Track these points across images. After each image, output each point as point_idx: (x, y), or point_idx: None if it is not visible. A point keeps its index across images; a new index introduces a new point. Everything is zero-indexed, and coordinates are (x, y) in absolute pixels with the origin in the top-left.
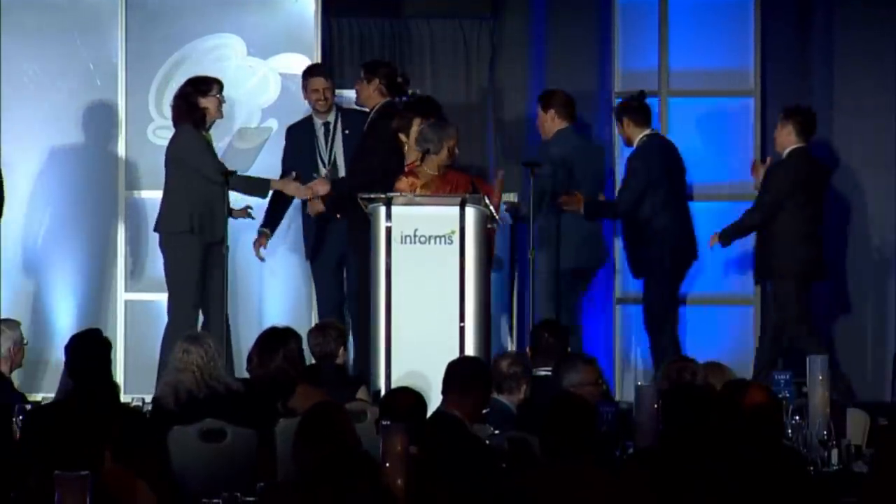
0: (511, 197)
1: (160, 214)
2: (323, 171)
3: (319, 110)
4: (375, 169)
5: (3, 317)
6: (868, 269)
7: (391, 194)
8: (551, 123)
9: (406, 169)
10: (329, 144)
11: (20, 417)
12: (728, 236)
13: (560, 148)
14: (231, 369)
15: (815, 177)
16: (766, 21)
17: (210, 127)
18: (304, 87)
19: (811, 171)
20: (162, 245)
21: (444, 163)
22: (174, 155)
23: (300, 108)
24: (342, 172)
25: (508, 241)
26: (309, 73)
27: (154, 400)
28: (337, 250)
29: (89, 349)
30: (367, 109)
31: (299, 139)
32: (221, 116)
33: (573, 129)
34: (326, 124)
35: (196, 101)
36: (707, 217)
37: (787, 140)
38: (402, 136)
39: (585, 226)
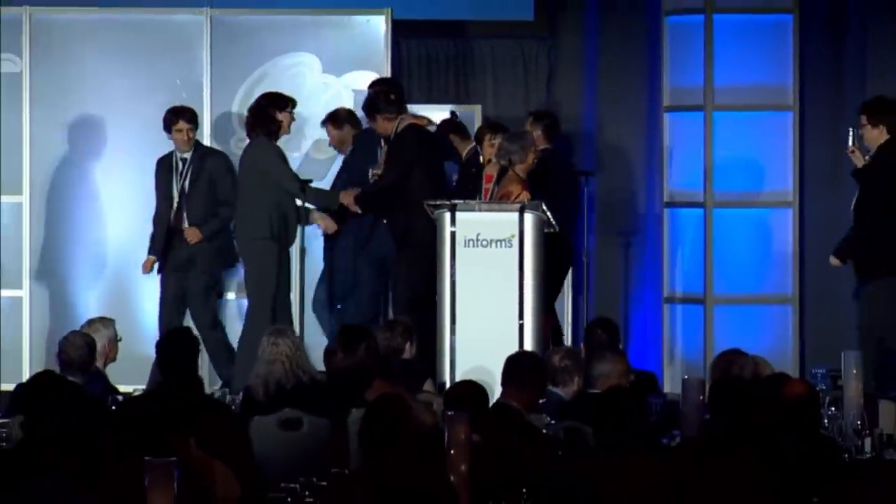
0: None
1: (238, 222)
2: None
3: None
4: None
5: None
6: None
7: (455, 201)
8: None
9: (486, 176)
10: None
11: (113, 408)
12: None
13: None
14: None
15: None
16: (804, 41)
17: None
18: None
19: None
20: (242, 252)
21: (531, 168)
22: (257, 166)
23: None
24: None
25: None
26: None
27: (245, 390)
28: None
29: (179, 346)
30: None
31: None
32: (289, 132)
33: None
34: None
35: (273, 114)
36: (747, 222)
37: (539, 141)
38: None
39: None
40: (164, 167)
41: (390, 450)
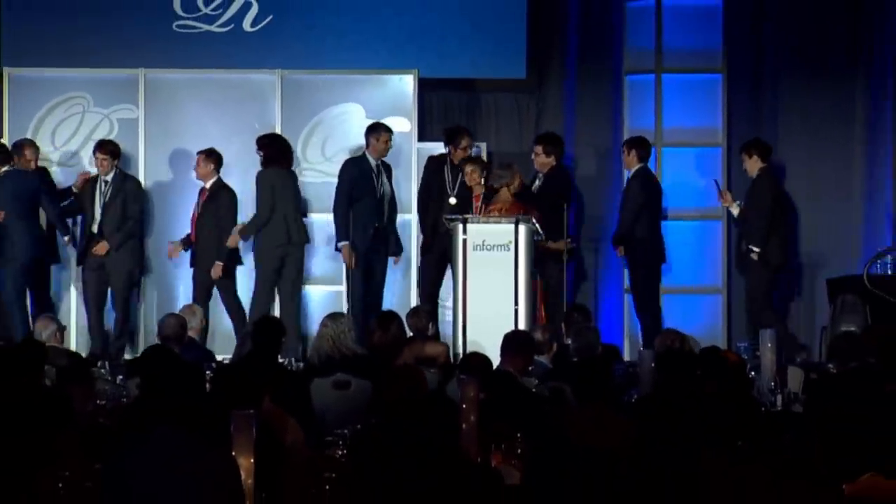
0: None
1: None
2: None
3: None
4: None
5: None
6: (804, 271)
7: (466, 216)
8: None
9: (475, 196)
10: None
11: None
12: None
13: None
14: None
15: None
16: (731, 93)
17: None
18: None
19: None
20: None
21: (517, 190)
22: (296, 187)
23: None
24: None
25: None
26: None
27: (305, 360)
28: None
29: (270, 328)
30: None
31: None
32: None
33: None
34: (378, 165)
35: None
36: (687, 230)
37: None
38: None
39: None
40: (90, 186)
41: (408, 409)
